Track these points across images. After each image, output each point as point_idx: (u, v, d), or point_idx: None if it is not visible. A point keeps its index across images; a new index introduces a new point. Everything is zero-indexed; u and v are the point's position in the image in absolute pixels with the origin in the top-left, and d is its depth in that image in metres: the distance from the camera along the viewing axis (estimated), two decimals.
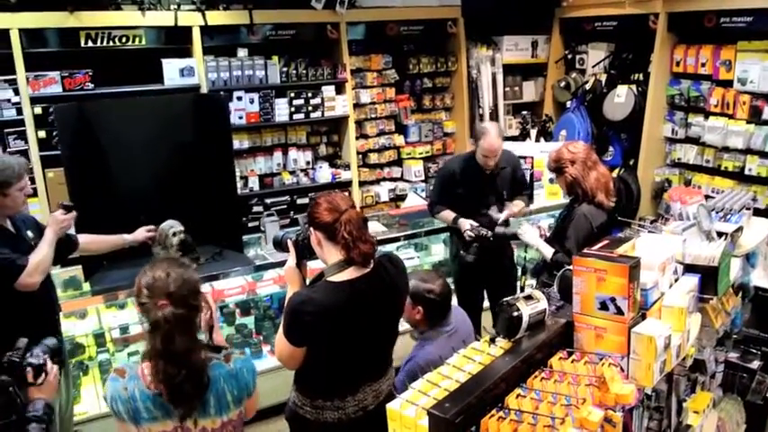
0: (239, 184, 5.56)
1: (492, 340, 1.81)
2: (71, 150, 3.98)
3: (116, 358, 4.03)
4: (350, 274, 2.25)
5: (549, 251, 3.52)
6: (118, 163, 4.14)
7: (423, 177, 6.72)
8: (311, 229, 2.33)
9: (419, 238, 4.80)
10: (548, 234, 3.84)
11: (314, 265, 2.52)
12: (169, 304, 1.89)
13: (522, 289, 4.18)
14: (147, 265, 1.99)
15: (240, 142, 5.76)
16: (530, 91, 7.25)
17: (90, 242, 3.60)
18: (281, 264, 2.89)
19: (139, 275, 1.98)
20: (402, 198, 6.50)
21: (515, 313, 1.77)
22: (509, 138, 6.38)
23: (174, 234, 3.72)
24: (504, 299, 1.84)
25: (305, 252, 2.45)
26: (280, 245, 2.54)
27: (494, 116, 6.89)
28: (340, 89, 6.15)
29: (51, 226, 3.19)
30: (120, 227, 3.73)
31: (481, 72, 6.77)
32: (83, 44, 5.02)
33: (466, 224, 4.12)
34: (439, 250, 5.03)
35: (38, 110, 4.94)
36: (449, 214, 4.31)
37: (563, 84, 6.93)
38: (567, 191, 3.54)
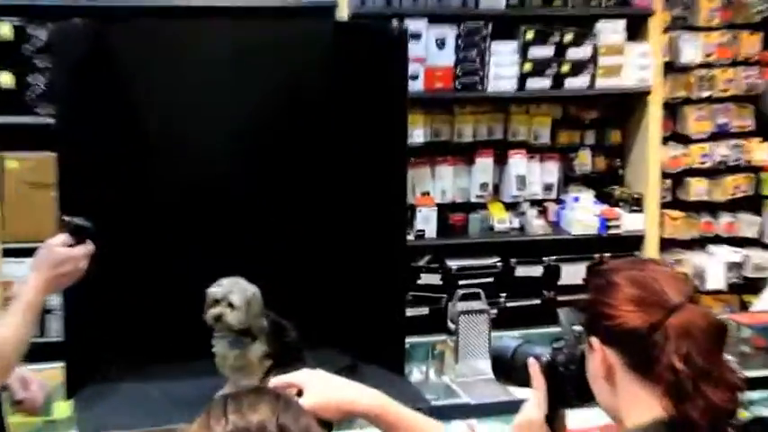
0: None
1: None
2: (74, 114, 3.59)
3: None
4: None
5: None
6: (169, 145, 3.75)
7: None
8: (594, 340, 2.15)
9: None
10: None
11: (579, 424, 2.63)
12: None
13: None
14: (225, 397, 1.93)
15: (409, 130, 4.52)
16: None
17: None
18: (497, 408, 3.12)
19: (212, 417, 1.90)
20: (763, 285, 5.21)
21: None
22: None
23: (217, 302, 3.32)
24: None
25: (566, 390, 2.24)
26: (510, 369, 2.38)
27: None
28: (636, 30, 4.82)
29: (39, 271, 2.72)
30: (158, 267, 3.53)
31: None
32: None
33: None
34: None
35: (5, 29, 4.37)
36: None
37: None
38: None
